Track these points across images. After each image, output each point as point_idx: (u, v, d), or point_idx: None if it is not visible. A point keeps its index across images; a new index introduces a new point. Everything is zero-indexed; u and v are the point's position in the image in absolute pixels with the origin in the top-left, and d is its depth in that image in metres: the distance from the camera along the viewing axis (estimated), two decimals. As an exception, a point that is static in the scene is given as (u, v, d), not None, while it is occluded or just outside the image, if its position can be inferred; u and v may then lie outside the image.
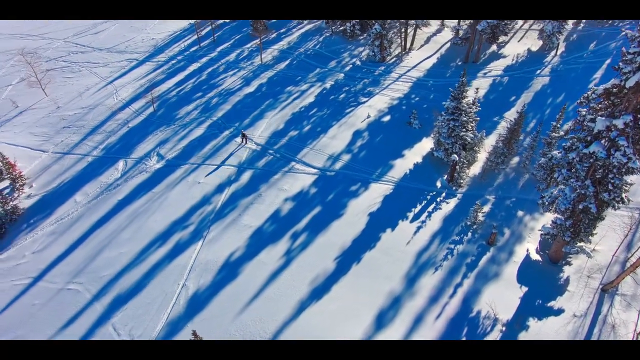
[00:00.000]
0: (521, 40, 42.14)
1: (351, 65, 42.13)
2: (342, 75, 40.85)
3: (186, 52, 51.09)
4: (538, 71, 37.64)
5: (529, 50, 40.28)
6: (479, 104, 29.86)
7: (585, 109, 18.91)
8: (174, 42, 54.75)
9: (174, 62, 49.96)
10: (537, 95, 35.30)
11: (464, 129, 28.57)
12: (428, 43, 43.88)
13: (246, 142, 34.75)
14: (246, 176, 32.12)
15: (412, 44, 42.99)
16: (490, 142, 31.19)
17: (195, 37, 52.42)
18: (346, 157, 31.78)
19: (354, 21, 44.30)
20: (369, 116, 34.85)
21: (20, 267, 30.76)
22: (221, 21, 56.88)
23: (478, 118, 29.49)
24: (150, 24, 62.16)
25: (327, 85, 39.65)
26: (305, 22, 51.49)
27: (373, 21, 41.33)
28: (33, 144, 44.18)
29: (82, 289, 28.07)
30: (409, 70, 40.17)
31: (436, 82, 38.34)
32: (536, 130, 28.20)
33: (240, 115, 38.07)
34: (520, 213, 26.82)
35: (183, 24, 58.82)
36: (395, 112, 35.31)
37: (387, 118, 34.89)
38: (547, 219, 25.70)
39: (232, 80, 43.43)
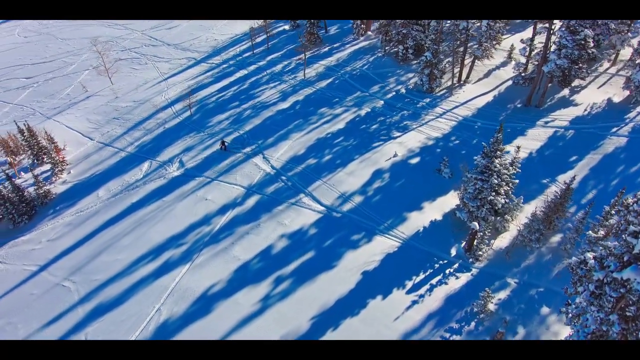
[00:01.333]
0: (602, 87, 35.15)
1: (394, 93, 38.36)
2: (382, 102, 37.31)
3: (238, 58, 50.68)
4: (615, 129, 30.94)
5: (609, 100, 33.40)
6: (521, 163, 24.93)
7: (633, 213, 14.03)
8: (231, 46, 54.74)
9: (225, 66, 49.79)
10: (606, 160, 28.95)
11: (494, 192, 23.93)
12: (487, 77, 38.53)
13: (225, 150, 35.63)
14: (252, 201, 30.31)
15: (468, 75, 38.04)
16: (530, 209, 26.01)
17: (257, 41, 51.79)
18: (358, 199, 28.56)
19: (408, 44, 40.35)
20: (395, 155, 31.14)
21: (33, 253, 31.98)
22: (280, 28, 55.76)
23: (516, 181, 24.59)
24: (218, 24, 63.05)
25: (363, 112, 36.43)
26: (361, 38, 48.36)
27: (426, 45, 37.13)
28: (85, 130, 46.57)
29: (74, 289, 28.26)
30: (457, 107, 35.47)
31: (485, 124, 33.32)
32: (586, 209, 22.68)
33: (266, 132, 36.37)
34: (545, 310, 21.74)
35: (245, 27, 58.64)
36: (427, 155, 31.17)
37: (415, 160, 30.90)
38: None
39: (270, 93, 41.91)
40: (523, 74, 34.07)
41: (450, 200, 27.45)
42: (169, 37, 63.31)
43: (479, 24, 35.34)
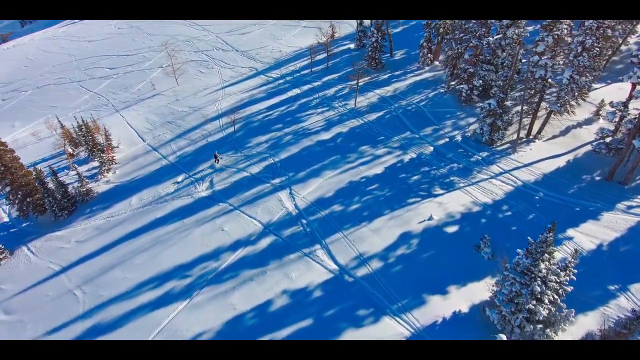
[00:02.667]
0: None
1: (447, 139, 33.68)
2: (431, 149, 32.90)
3: (296, 74, 48.78)
4: None
5: None
6: (584, 257, 19.69)
7: None
8: (293, 60, 53.06)
9: (281, 81, 48.20)
10: None
11: (535, 300, 19.09)
12: (564, 135, 32.28)
13: (217, 162, 36.53)
14: (265, 242, 28.09)
15: (540, 130, 32.15)
16: (586, 322, 20.60)
17: (317, 58, 49.51)
18: (376, 265, 24.96)
19: (474, 83, 35.28)
20: (431, 218, 26.89)
21: (61, 252, 32.81)
22: (345, 47, 52.87)
23: (569, 289, 19.45)
24: (287, 35, 61.90)
25: (406, 158, 32.38)
26: (426, 68, 43.79)
27: (491, 92, 32.00)
28: (141, 130, 47.81)
29: (81, 300, 28.24)
30: (518, 168, 30.02)
31: (549, 196, 27.66)
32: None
33: (300, 165, 33.91)
34: None
35: (311, 41, 56.67)
36: (468, 224, 26.49)
37: (452, 229, 26.40)
38: None
39: (316, 119, 39.33)
40: (608, 141, 27.68)
41: (483, 290, 22.77)
42: (240, 43, 63.47)
43: (560, 75, 29.51)
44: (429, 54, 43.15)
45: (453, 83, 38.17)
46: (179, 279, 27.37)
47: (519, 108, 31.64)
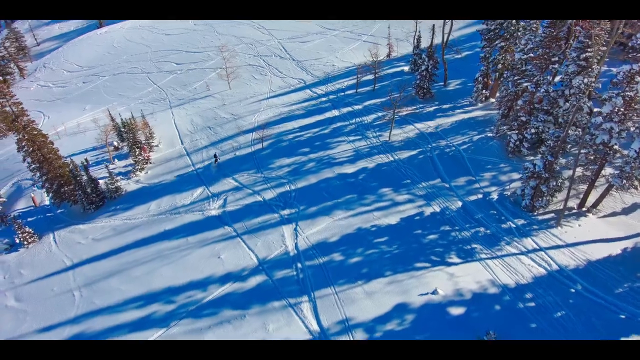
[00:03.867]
0: None
1: (481, 195, 29.15)
2: (459, 204, 28.67)
3: (340, 93, 46.21)
4: None
5: None
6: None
7: None
8: (342, 77, 50.51)
9: (323, 99, 45.97)
10: None
11: None
12: (629, 214, 26.20)
13: (215, 163, 38.26)
14: (254, 280, 26.31)
15: (597, 203, 26.45)
16: None
17: (365, 78, 46.52)
18: (359, 336, 21.91)
19: (525, 134, 30.20)
20: (435, 292, 23.11)
21: (77, 247, 33.87)
22: (398, 68, 49.10)
23: None
24: (345, 48, 59.43)
25: (428, 211, 28.53)
26: (479, 105, 38.79)
27: (540, 150, 26.93)
28: (183, 131, 48.53)
29: (77, 303, 28.69)
30: (557, 247, 24.85)
31: (589, 292, 22.37)
32: None
33: (314, 198, 31.55)
34: None
35: (364, 58, 53.61)
36: (477, 308, 22.29)
37: (458, 311, 22.38)
38: None
39: (344, 148, 36.56)
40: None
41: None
42: (298, 51, 62.21)
43: (628, 142, 23.80)
44: (484, 90, 38.14)
45: (504, 127, 33.13)
46: (164, 302, 26.53)
47: (571, 172, 26.20)
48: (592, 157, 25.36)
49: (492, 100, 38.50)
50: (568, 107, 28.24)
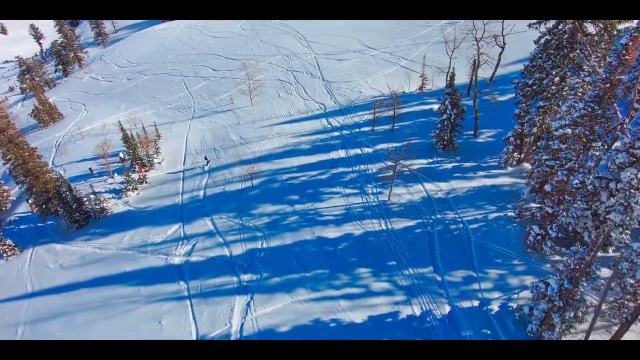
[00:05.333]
0: None
1: (477, 303, 22.38)
2: (447, 309, 22.13)
3: (355, 130, 40.76)
4: None
5: None
6: None
7: None
8: (364, 108, 44.89)
9: (334, 134, 40.83)
10: None
11: None
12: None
13: (207, 164, 38.69)
14: (182, 366, 22.14)
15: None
16: None
17: (387, 113, 40.68)
18: None
19: (550, 230, 23.06)
20: None
21: (43, 273, 32.33)
22: (426, 107, 42.45)
23: None
24: (380, 72, 53.49)
25: (405, 312, 22.58)
26: (509, 169, 31.44)
27: (559, 265, 19.82)
28: (190, 149, 46.06)
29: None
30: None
31: None
32: None
33: (281, 265, 26.95)
34: None
35: (396, 87, 47.39)
36: None
37: None
38: None
39: (336, 203, 31.33)
40: None
41: None
42: (331, 70, 57.31)
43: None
44: (516, 153, 30.75)
45: (527, 214, 25.95)
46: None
47: (599, 301, 18.86)
48: (630, 293, 18.04)
49: (525, 165, 30.98)
50: (613, 203, 20.83)
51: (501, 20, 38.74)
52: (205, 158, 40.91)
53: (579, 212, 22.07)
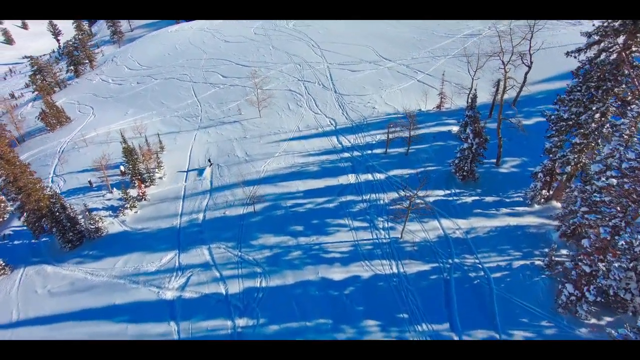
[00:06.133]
0: None
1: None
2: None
3: (366, 151, 37.91)
4: None
5: None
6: None
7: None
8: (377, 127, 42.02)
9: (345, 155, 38.04)
10: None
11: None
12: None
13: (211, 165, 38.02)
14: None
15: None
16: None
17: (402, 134, 37.59)
18: None
19: (586, 293, 19.95)
20: None
21: (31, 298, 30.50)
22: (443, 128, 39.37)
23: None
24: (395, 85, 50.48)
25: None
26: (535, 207, 28.25)
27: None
28: (193, 164, 43.74)
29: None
30: None
31: None
32: None
33: (280, 310, 24.33)
34: None
35: (412, 103, 44.42)
36: None
37: None
38: None
39: (343, 237, 28.59)
40: None
41: None
42: (343, 82, 54.49)
43: None
44: (545, 190, 27.57)
45: (559, 267, 22.82)
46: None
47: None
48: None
49: (554, 204, 27.79)
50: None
51: (529, 38, 35.49)
52: (209, 160, 41.00)
53: (622, 273, 18.92)
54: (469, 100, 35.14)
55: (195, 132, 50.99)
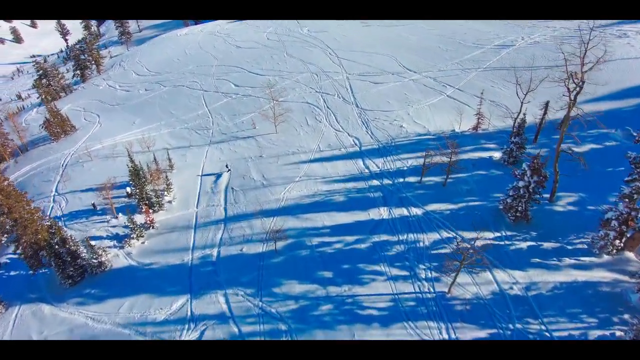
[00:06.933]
0: None
1: None
2: None
3: (398, 180, 33.96)
4: None
5: None
6: None
7: None
8: (407, 149, 38.03)
9: (372, 183, 34.13)
10: None
11: None
12: None
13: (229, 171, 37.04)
14: None
15: None
16: None
17: (437, 158, 33.49)
18: None
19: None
20: None
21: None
22: (484, 154, 35.27)
23: None
24: (423, 101, 46.44)
25: None
26: (604, 257, 24.15)
27: None
28: (205, 187, 40.05)
29: None
30: None
31: None
32: None
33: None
34: None
35: (444, 122, 40.45)
36: None
37: None
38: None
39: (380, 288, 24.64)
40: None
41: None
42: (365, 95, 50.54)
43: None
44: (617, 241, 23.45)
45: (650, 334, 18.73)
46: None
47: None
48: None
49: (628, 255, 23.67)
50: None
51: (579, 55, 31.27)
52: (227, 166, 39.85)
53: None
54: (516, 126, 31.16)
55: (206, 148, 47.35)
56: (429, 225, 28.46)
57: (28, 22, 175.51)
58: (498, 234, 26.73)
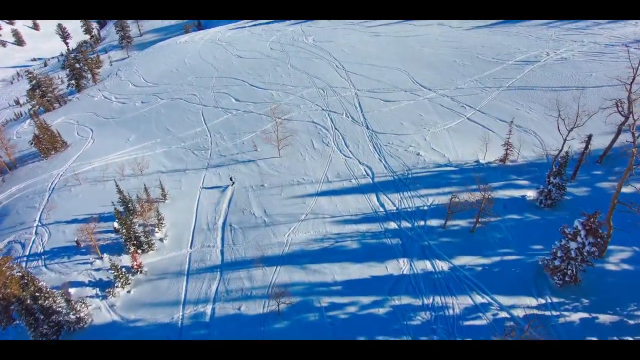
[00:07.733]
0: None
1: None
2: None
3: (417, 222, 29.64)
4: None
5: None
6: None
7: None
8: (427, 182, 33.76)
9: (389, 226, 29.85)
10: None
11: None
12: None
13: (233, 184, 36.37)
14: None
15: None
16: None
17: (461, 195, 29.24)
18: None
19: None
20: None
21: None
22: (515, 192, 30.88)
23: None
24: (440, 123, 42.16)
25: None
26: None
27: None
28: (201, 221, 36.09)
29: None
30: None
31: None
32: None
33: None
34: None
35: (468, 151, 36.13)
36: None
37: None
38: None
39: None
40: None
41: None
42: (376, 114, 46.38)
43: None
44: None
45: None
46: None
47: None
48: None
49: None
50: None
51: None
52: (231, 179, 38.75)
53: None
54: (556, 164, 26.80)
55: (203, 173, 43.29)
56: (459, 285, 24.15)
57: (30, 23, 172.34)
58: (542, 301, 22.42)
